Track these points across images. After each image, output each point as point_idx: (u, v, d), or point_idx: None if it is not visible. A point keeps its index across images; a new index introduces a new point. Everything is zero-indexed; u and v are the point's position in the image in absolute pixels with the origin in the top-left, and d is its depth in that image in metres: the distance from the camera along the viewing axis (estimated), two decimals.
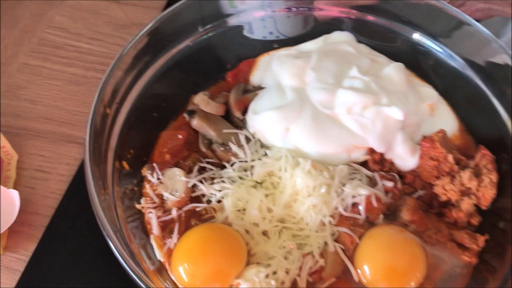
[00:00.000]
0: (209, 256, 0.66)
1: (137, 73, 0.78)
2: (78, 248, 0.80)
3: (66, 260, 0.79)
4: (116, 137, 0.72)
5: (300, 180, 0.70)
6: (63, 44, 1.07)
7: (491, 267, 0.66)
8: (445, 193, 0.72)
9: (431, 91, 0.83)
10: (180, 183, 0.72)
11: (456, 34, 0.84)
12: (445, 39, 0.85)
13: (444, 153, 0.72)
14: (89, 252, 0.80)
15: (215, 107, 0.79)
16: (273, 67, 0.83)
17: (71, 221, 0.84)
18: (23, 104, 0.98)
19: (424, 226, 0.70)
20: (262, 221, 0.69)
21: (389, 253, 0.67)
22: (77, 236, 0.82)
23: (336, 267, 0.67)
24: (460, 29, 0.83)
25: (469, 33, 0.82)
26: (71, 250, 0.80)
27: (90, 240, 0.81)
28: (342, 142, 0.73)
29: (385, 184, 0.71)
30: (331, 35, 0.86)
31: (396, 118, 0.74)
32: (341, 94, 0.75)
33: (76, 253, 0.80)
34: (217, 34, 0.84)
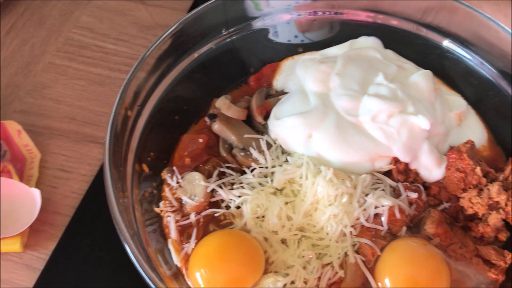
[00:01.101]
0: (227, 262, 0.65)
1: (160, 75, 0.78)
2: (97, 248, 0.81)
3: (85, 260, 0.80)
4: (136, 139, 0.72)
5: (321, 189, 0.69)
6: (89, 44, 1.08)
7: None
8: (471, 207, 0.70)
9: (459, 100, 0.81)
10: (199, 187, 0.71)
11: (488, 42, 0.81)
12: (476, 46, 0.82)
13: (472, 165, 0.70)
14: (108, 253, 0.80)
15: (237, 111, 0.78)
16: (297, 72, 0.82)
17: (91, 221, 0.84)
18: (47, 103, 0.99)
19: (449, 240, 0.67)
20: (281, 229, 0.68)
21: (411, 267, 0.65)
22: (97, 236, 0.82)
23: (356, 279, 0.65)
24: (491, 36, 0.80)
25: (501, 41, 0.79)
26: (90, 250, 0.81)
27: (109, 241, 0.81)
28: (366, 150, 0.72)
29: (409, 195, 0.70)
30: (358, 40, 0.85)
31: (422, 127, 0.72)
32: (366, 101, 0.74)
33: (95, 253, 0.80)
34: (241, 37, 0.84)
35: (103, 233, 0.82)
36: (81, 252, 0.81)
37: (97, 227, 0.83)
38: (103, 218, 0.83)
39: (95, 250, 0.81)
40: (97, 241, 0.82)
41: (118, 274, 0.78)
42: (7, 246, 0.81)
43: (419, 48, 0.85)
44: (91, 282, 0.78)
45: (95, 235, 0.83)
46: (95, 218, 0.84)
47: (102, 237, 0.82)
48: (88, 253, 0.81)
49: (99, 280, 0.78)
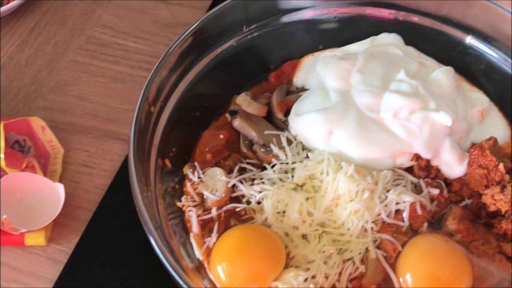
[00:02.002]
0: (248, 257, 0.66)
1: (181, 73, 0.79)
2: (119, 242, 0.83)
3: (108, 254, 0.82)
4: (159, 135, 0.74)
5: (342, 185, 0.69)
6: (110, 43, 1.10)
7: None
8: (494, 203, 0.70)
9: (482, 97, 0.81)
10: (221, 182, 0.73)
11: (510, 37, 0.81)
12: (498, 42, 0.82)
13: (495, 161, 0.70)
14: (130, 247, 0.82)
15: (257, 108, 0.79)
16: (317, 69, 0.83)
17: (113, 216, 0.86)
18: (70, 100, 1.01)
19: (471, 237, 0.68)
20: (302, 224, 0.69)
21: (433, 263, 0.65)
22: (119, 231, 0.84)
23: (377, 274, 0.66)
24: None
25: None
26: (112, 244, 0.83)
27: (131, 235, 0.83)
28: (387, 147, 0.72)
29: (430, 191, 0.70)
30: (378, 37, 0.85)
31: (444, 124, 0.72)
32: (387, 98, 0.74)
33: (117, 247, 0.82)
34: (261, 34, 0.85)
35: (125, 227, 0.84)
36: (103, 246, 0.83)
37: (119, 221, 0.85)
38: (125, 213, 0.85)
39: (118, 244, 0.83)
40: (119, 235, 0.84)
41: (140, 267, 0.80)
42: (32, 239, 0.83)
43: (440, 44, 0.85)
44: (113, 276, 0.80)
45: (117, 229, 0.84)
46: (117, 213, 0.86)
47: (125, 231, 0.84)
48: (111, 247, 0.82)
49: (121, 273, 0.80)
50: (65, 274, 0.81)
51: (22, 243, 0.83)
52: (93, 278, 0.80)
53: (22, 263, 0.83)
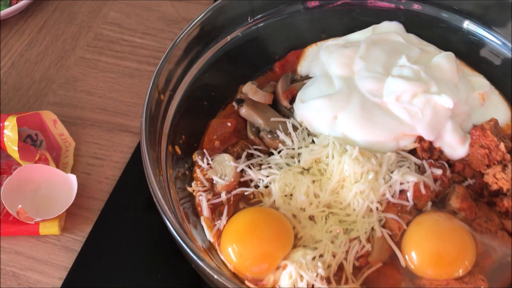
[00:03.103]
0: (258, 237, 0.69)
1: (188, 63, 0.82)
2: (131, 230, 0.86)
3: (120, 242, 0.84)
4: (169, 123, 0.76)
5: (347, 167, 0.72)
6: (117, 39, 1.13)
7: None
8: (496, 182, 0.72)
9: (482, 81, 0.83)
10: (229, 168, 0.75)
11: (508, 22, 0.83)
12: (499, 28, 0.84)
13: (496, 141, 0.72)
14: (142, 235, 0.85)
15: (263, 96, 0.82)
16: (321, 57, 0.85)
17: (124, 205, 0.89)
18: (79, 95, 1.05)
19: (474, 215, 0.70)
20: (309, 206, 0.72)
21: (437, 240, 0.67)
22: (131, 219, 0.87)
23: (383, 252, 0.68)
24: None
25: None
26: (124, 232, 0.86)
27: (142, 223, 0.86)
28: (390, 130, 0.75)
29: (433, 172, 0.72)
30: (380, 25, 0.88)
31: (445, 107, 0.74)
32: (390, 83, 0.77)
33: (129, 235, 0.85)
34: (266, 25, 0.88)
35: (136, 216, 0.87)
36: (115, 234, 0.86)
37: (131, 210, 0.88)
38: (136, 202, 0.89)
39: (129, 231, 0.86)
40: (131, 223, 0.87)
41: (151, 254, 0.83)
42: (46, 229, 0.86)
43: (441, 31, 0.88)
44: (126, 262, 0.83)
45: (128, 218, 0.87)
46: (129, 202, 0.89)
47: (136, 220, 0.87)
48: (123, 235, 0.85)
49: (133, 260, 0.83)
50: (79, 262, 0.83)
51: (37, 233, 0.86)
52: (106, 264, 0.83)
53: (37, 252, 0.86)
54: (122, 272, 0.82)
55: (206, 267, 0.59)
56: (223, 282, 0.58)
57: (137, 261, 0.83)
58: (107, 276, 0.82)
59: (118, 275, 0.82)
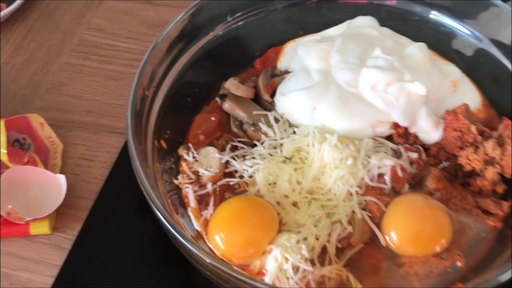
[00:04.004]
0: (244, 224, 0.72)
1: (171, 62, 0.85)
2: (120, 227, 0.88)
3: (109, 238, 0.87)
4: (154, 118, 0.79)
5: (327, 154, 0.75)
6: (101, 44, 1.16)
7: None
8: (469, 163, 0.76)
9: (453, 69, 0.88)
10: (214, 159, 0.78)
11: (480, 14, 0.88)
12: (469, 20, 0.89)
13: (467, 124, 0.76)
14: (130, 231, 0.88)
15: (245, 90, 0.85)
16: (299, 52, 0.89)
17: (113, 203, 0.91)
18: (66, 99, 1.07)
19: (449, 194, 0.74)
20: (292, 193, 0.75)
21: (415, 219, 0.71)
22: (119, 216, 0.90)
23: (364, 233, 0.72)
24: (483, 9, 0.87)
25: (493, 12, 0.86)
26: (113, 229, 0.88)
27: (131, 219, 0.89)
28: (367, 117, 0.79)
29: (409, 156, 0.76)
30: (354, 20, 0.92)
31: (419, 93, 0.78)
32: (365, 73, 0.81)
33: (118, 231, 0.88)
34: (245, 24, 0.92)
35: (125, 213, 0.90)
36: (105, 231, 0.88)
37: (119, 208, 0.91)
38: (125, 200, 0.91)
39: (118, 228, 0.88)
40: (119, 220, 0.89)
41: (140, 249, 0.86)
42: (36, 228, 0.88)
43: (413, 24, 0.92)
44: (116, 258, 0.85)
45: (117, 215, 0.90)
46: (117, 200, 0.92)
47: (124, 216, 0.90)
48: (112, 232, 0.88)
49: (123, 256, 0.85)
50: (70, 259, 0.86)
51: (27, 233, 0.88)
52: (97, 260, 0.85)
53: (28, 252, 0.87)
54: (113, 267, 0.85)
55: (197, 251, 0.61)
56: (215, 264, 0.60)
57: (127, 256, 0.86)
58: (99, 272, 0.84)
59: (109, 271, 0.84)
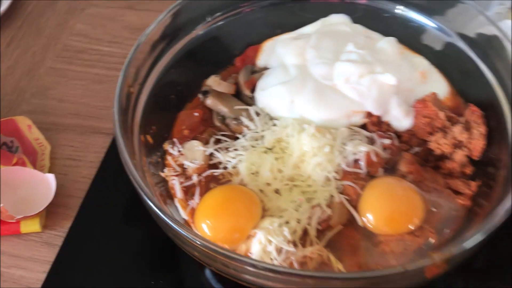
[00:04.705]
0: (229, 211, 0.76)
1: (154, 61, 0.89)
2: (109, 222, 0.92)
3: (99, 233, 0.91)
4: (140, 114, 0.84)
5: (306, 143, 0.80)
6: (85, 49, 1.20)
7: (482, 208, 0.75)
8: (439, 147, 0.81)
9: (423, 61, 0.94)
10: (199, 152, 0.83)
11: (448, 10, 0.94)
12: (438, 15, 0.95)
13: (436, 111, 0.82)
14: (119, 226, 0.92)
15: (226, 86, 0.90)
16: (277, 50, 0.94)
17: (101, 201, 0.95)
18: (52, 102, 1.11)
19: (421, 177, 0.79)
20: (273, 181, 0.80)
21: (390, 200, 0.76)
22: (107, 213, 0.94)
23: (342, 215, 0.77)
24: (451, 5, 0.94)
25: (460, 9, 0.92)
26: (103, 224, 0.92)
27: (119, 215, 0.93)
28: (342, 108, 0.84)
29: (383, 142, 0.81)
30: (328, 18, 0.98)
31: (390, 84, 0.84)
32: (339, 66, 0.86)
33: (107, 226, 0.92)
34: (224, 24, 0.97)
35: (113, 210, 0.94)
36: (95, 227, 0.92)
37: (108, 205, 0.94)
38: (113, 197, 0.95)
39: (107, 223, 0.92)
40: (108, 217, 0.93)
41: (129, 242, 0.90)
42: (27, 227, 0.91)
43: (384, 21, 0.98)
44: (106, 252, 0.89)
45: (106, 212, 0.94)
46: (105, 197, 0.96)
47: (113, 213, 0.94)
48: (101, 227, 0.92)
49: (112, 250, 0.89)
50: (61, 255, 0.89)
51: (18, 231, 0.91)
52: (88, 256, 0.89)
53: (19, 250, 0.91)
54: (103, 261, 0.88)
55: (186, 233, 0.65)
56: (206, 244, 0.64)
57: (116, 250, 0.89)
58: (89, 266, 0.88)
59: (99, 265, 0.88)
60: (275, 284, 0.65)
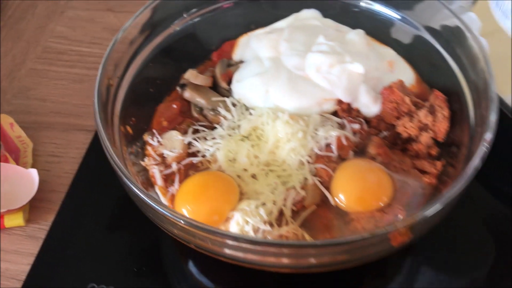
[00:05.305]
0: (207, 195, 0.81)
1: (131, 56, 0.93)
2: (91, 216, 0.95)
3: (81, 225, 0.94)
4: (119, 106, 0.87)
5: (280, 130, 0.85)
6: (66, 50, 1.24)
7: (446, 185, 0.81)
8: (406, 131, 0.87)
9: (389, 51, 0.99)
10: (178, 141, 0.87)
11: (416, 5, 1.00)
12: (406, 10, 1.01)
13: (402, 96, 0.87)
14: (100, 217, 0.95)
15: (204, 79, 0.95)
16: (252, 44, 0.99)
17: (83, 194, 0.99)
18: (33, 102, 1.14)
19: (389, 158, 0.84)
20: (250, 167, 0.84)
21: (360, 180, 0.81)
22: (90, 206, 0.97)
23: (315, 196, 0.81)
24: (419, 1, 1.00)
25: (427, 4, 0.98)
26: (85, 217, 0.95)
27: (101, 208, 0.97)
28: (314, 96, 0.89)
29: (353, 127, 0.86)
30: (300, 13, 1.04)
31: (358, 72, 0.89)
32: (310, 57, 0.91)
33: (89, 218, 0.95)
34: (201, 20, 1.01)
35: (95, 203, 0.97)
36: (77, 219, 0.95)
37: (90, 198, 0.98)
38: (95, 191, 0.98)
39: (89, 215, 0.95)
40: (90, 209, 0.97)
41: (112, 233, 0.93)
42: (11, 221, 0.94)
43: (353, 15, 1.04)
44: (88, 243, 0.92)
45: (88, 205, 0.97)
46: (87, 191, 0.99)
47: (96, 206, 0.97)
48: (83, 219, 0.95)
49: (95, 240, 0.92)
50: (45, 248, 0.92)
51: (2, 226, 0.94)
52: (71, 247, 0.92)
53: (3, 244, 0.93)
54: (86, 252, 0.91)
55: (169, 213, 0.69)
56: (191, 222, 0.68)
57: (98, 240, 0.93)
58: (72, 257, 0.91)
59: (82, 256, 0.91)
60: (252, 257, 0.69)
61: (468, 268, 0.86)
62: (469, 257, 0.87)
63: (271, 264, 0.71)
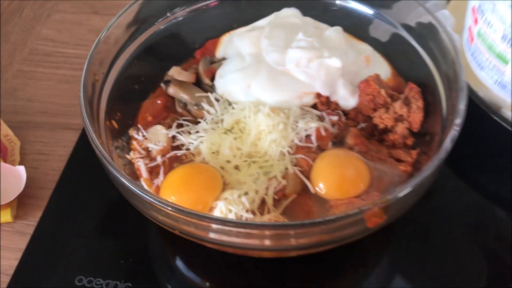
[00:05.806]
0: (191, 186, 0.84)
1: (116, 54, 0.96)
2: (78, 211, 0.98)
3: (69, 220, 0.97)
4: (105, 101, 0.91)
5: (262, 122, 0.88)
6: (52, 52, 1.27)
7: None
8: (382, 122, 0.91)
9: (366, 47, 1.04)
10: (162, 135, 0.90)
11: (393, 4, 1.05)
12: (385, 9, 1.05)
13: (378, 89, 0.92)
14: (88, 213, 0.98)
15: (187, 75, 0.98)
16: (234, 42, 1.03)
17: (71, 190, 1.01)
18: (20, 103, 1.17)
19: (366, 148, 0.88)
20: (233, 158, 0.87)
21: (338, 168, 0.85)
22: (77, 201, 1.00)
23: (296, 185, 0.85)
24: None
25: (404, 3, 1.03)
26: (72, 213, 0.98)
27: (88, 203, 0.99)
28: (294, 90, 0.93)
29: (331, 119, 0.90)
30: (280, 12, 1.08)
31: (336, 67, 0.93)
32: (290, 53, 0.95)
33: (76, 213, 0.98)
34: (184, 19, 1.05)
35: (83, 199, 1.00)
36: (65, 214, 0.98)
37: (77, 195, 1.01)
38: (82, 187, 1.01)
39: (77, 213, 0.98)
40: (78, 205, 0.99)
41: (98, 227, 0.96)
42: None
43: (332, 13, 1.08)
44: (76, 238, 0.95)
45: (76, 201, 1.00)
46: (75, 187, 1.02)
47: (82, 202, 1.00)
48: (71, 214, 0.98)
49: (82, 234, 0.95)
50: (33, 243, 0.94)
51: None
52: (59, 241, 0.94)
53: None
54: (73, 246, 0.94)
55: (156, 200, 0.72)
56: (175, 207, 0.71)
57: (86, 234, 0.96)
58: (60, 252, 0.93)
59: (70, 249, 0.93)
60: (235, 239, 0.72)
61: (443, 257, 0.90)
62: (447, 247, 0.91)
63: (252, 246, 0.74)
